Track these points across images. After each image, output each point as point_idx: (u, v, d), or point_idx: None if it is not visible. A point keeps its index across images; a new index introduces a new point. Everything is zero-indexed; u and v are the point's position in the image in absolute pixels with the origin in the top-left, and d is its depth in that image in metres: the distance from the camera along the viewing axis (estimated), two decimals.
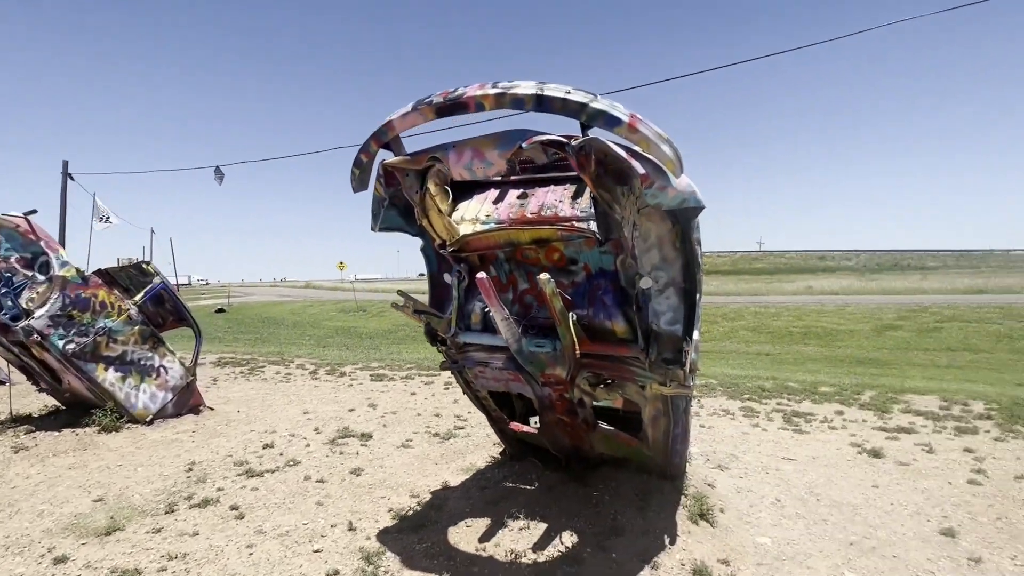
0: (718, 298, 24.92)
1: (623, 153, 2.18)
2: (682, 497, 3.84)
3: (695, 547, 3.26)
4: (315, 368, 10.71)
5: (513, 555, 3.17)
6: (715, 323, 16.56)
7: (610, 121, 2.06)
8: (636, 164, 2.19)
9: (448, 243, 3.09)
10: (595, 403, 3.72)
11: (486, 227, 3.09)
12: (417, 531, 3.50)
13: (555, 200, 3.01)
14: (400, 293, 3.37)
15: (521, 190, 3.22)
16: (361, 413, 7.04)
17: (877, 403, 7.15)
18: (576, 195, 2.99)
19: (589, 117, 2.08)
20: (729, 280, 43.82)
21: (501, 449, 4.95)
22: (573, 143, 2.16)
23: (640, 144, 2.12)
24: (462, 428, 6.20)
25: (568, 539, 3.33)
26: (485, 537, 3.38)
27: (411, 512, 3.82)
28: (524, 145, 2.19)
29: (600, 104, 2.06)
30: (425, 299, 3.71)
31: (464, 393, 4.10)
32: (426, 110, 2.32)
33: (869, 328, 14.04)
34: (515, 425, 4.19)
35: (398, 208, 3.20)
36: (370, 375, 9.99)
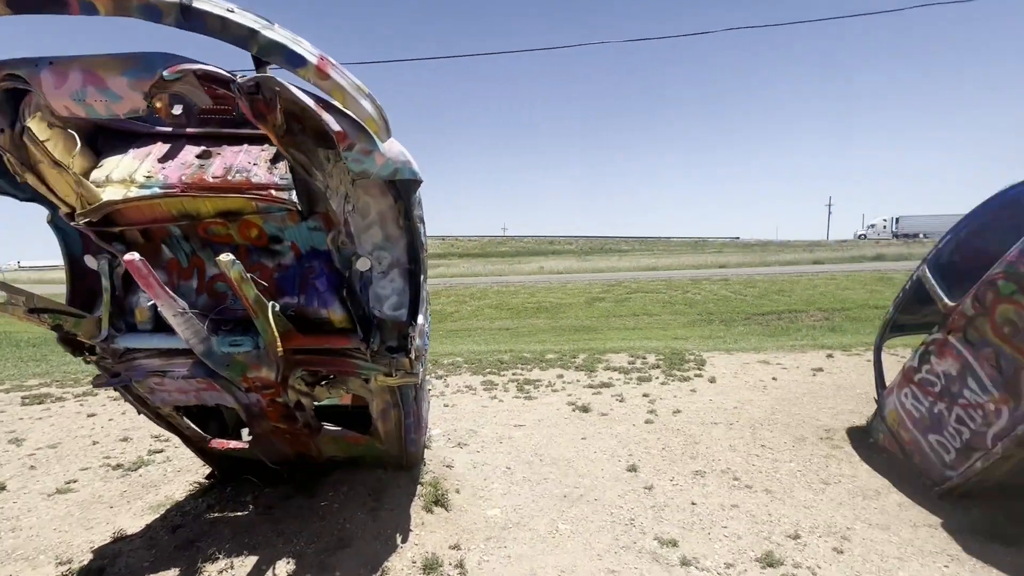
0: (467, 279, 26.54)
1: (310, 102, 1.78)
2: (418, 487, 3.73)
3: (428, 538, 3.16)
4: None
5: None
6: (464, 303, 17.57)
7: (292, 59, 1.63)
8: (328, 118, 1.82)
9: (79, 212, 2.19)
10: (317, 403, 3.26)
11: (146, 192, 2.30)
12: None
13: (248, 162, 2.42)
14: (3, 286, 2.27)
15: (203, 147, 2.51)
16: None
17: (587, 364, 8.48)
18: (276, 158, 2.45)
19: (262, 50, 1.61)
20: (478, 262, 47.28)
21: (210, 471, 4.05)
22: (241, 80, 1.66)
23: (334, 95, 1.76)
24: (160, 451, 4.93)
25: (284, 568, 2.84)
26: None
27: None
28: (166, 74, 1.59)
29: (278, 35, 1.61)
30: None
31: (139, 413, 3.14)
32: None
33: (583, 301, 16.89)
34: (218, 443, 3.42)
35: None
36: (22, 397, 7.28)
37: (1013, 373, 3.10)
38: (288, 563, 2.87)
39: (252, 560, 2.89)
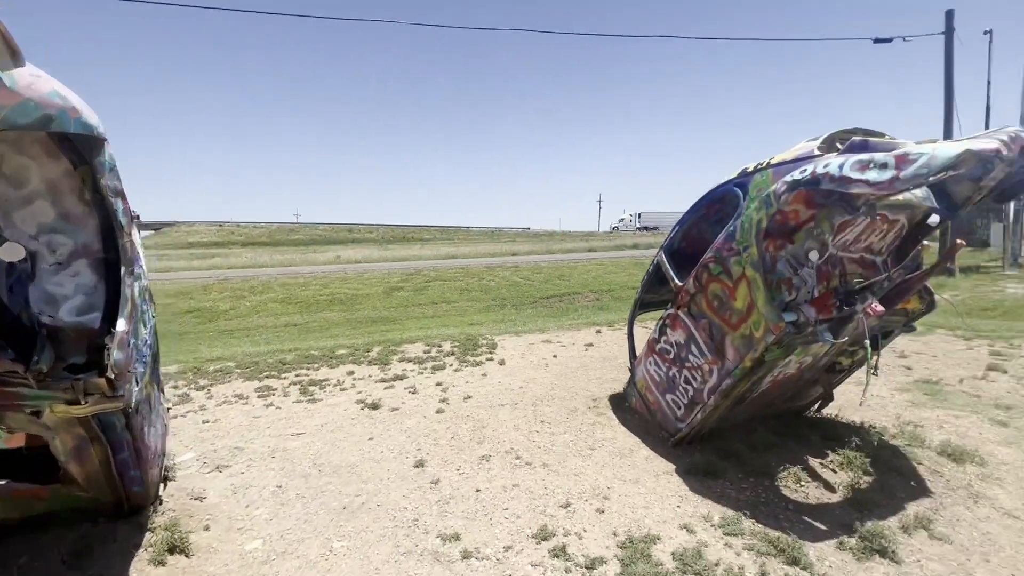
0: (249, 271, 23.38)
1: None
2: (147, 534, 2.96)
3: None
4: None
5: None
6: (242, 298, 15.33)
7: None
8: None
9: None
10: None
11: None
12: None
13: None
14: None
15: None
16: None
17: (381, 357, 8.10)
18: None
19: None
20: (266, 252, 42.20)
21: None
22: None
23: None
24: None
25: None
26: None
27: None
28: None
29: None
30: None
31: None
32: None
33: (381, 291, 16.30)
34: None
35: None
36: None
37: (720, 339, 3.81)
38: None
39: None
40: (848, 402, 5.08)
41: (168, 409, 4.19)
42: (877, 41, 18.74)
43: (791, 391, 4.38)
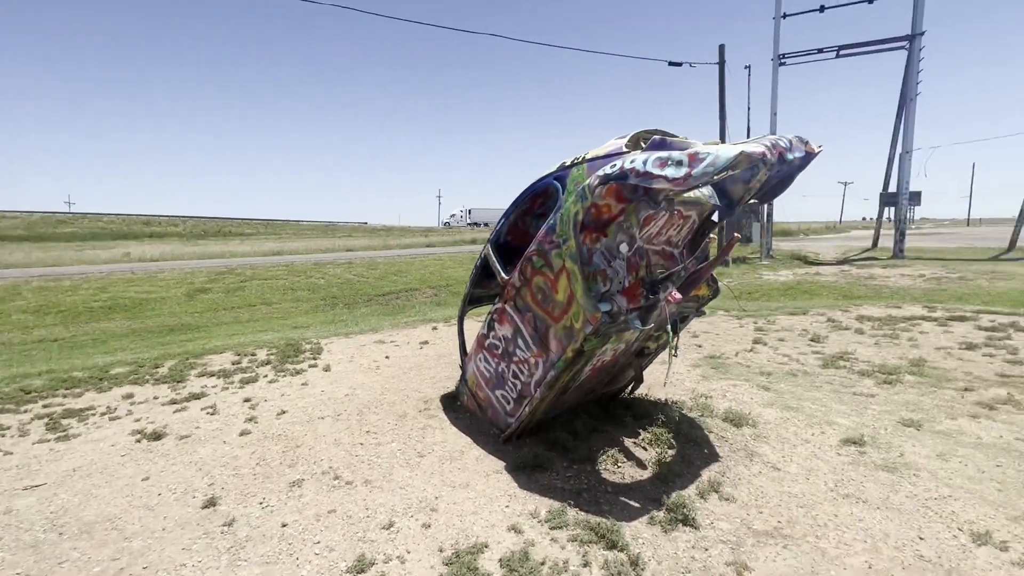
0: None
1: None
2: None
3: None
4: None
5: None
6: None
7: None
8: None
9: None
10: None
11: None
12: None
13: None
14: None
15: None
16: None
17: (175, 373, 6.76)
18: None
19: None
20: (22, 248, 33.28)
21: None
22: None
23: None
24: None
25: None
26: None
27: None
28: None
29: None
30: None
31: None
32: None
33: (182, 293, 13.86)
34: None
35: None
36: None
37: (544, 331, 3.82)
38: None
39: None
40: (655, 381, 5.62)
41: None
42: (671, 64, 21.71)
43: (608, 376, 4.64)
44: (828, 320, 9.81)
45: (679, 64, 21.63)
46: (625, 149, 3.51)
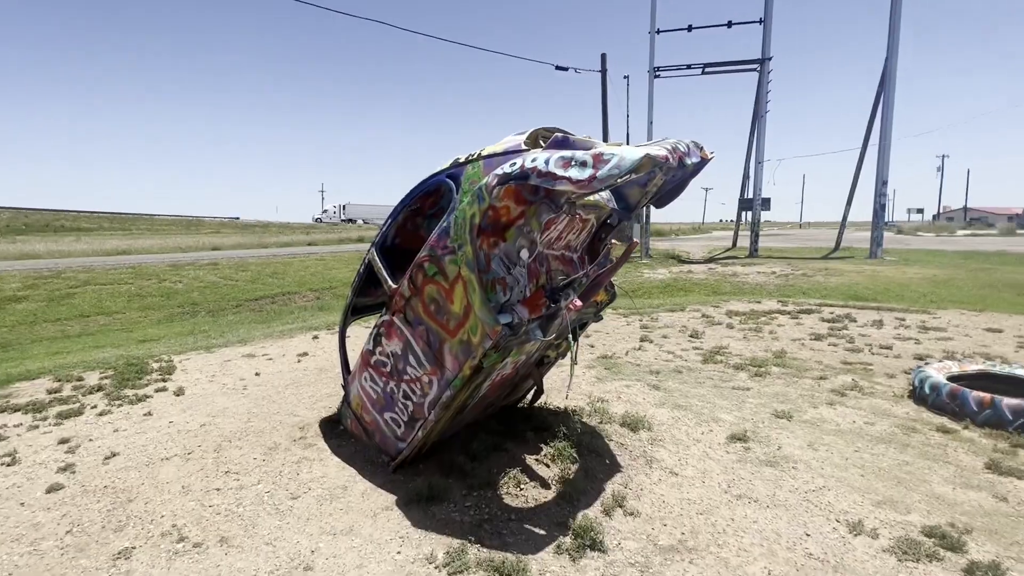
0: None
1: None
2: None
3: None
4: None
5: None
6: None
7: None
8: None
9: None
10: None
11: None
12: None
13: None
14: None
15: None
16: None
17: None
18: None
19: None
20: None
21: None
22: None
23: None
24: None
25: None
26: None
27: None
28: None
29: None
30: None
31: None
32: None
33: None
34: None
35: None
36: None
37: (439, 347, 3.43)
38: None
39: None
40: (552, 387, 5.48)
41: None
42: (557, 68, 22.30)
43: (508, 389, 4.37)
44: (703, 316, 10.57)
45: (565, 69, 22.30)
46: (524, 147, 3.23)
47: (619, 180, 2.64)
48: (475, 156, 3.40)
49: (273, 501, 3.44)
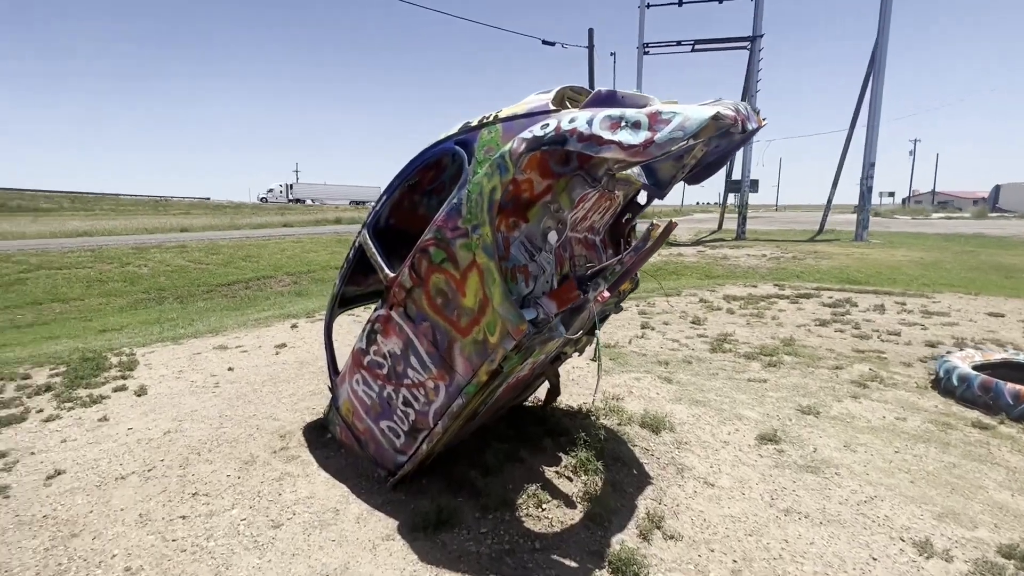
0: None
1: None
2: None
3: None
4: None
5: None
6: None
7: None
8: None
9: None
10: None
11: None
12: None
13: None
14: None
15: None
16: None
17: None
18: None
19: None
20: None
21: None
22: None
23: None
24: None
25: None
26: None
27: None
28: None
29: None
30: None
31: None
32: None
33: None
34: None
35: None
36: None
37: (447, 347, 2.89)
38: None
39: None
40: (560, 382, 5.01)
41: None
42: (544, 42, 21.46)
43: (520, 390, 3.88)
44: (701, 301, 10.22)
45: (552, 43, 21.47)
46: (552, 107, 2.67)
47: (682, 146, 2.11)
48: (490, 118, 2.83)
49: (251, 531, 2.88)
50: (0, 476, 3.49)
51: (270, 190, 65.38)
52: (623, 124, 2.19)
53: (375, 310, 3.28)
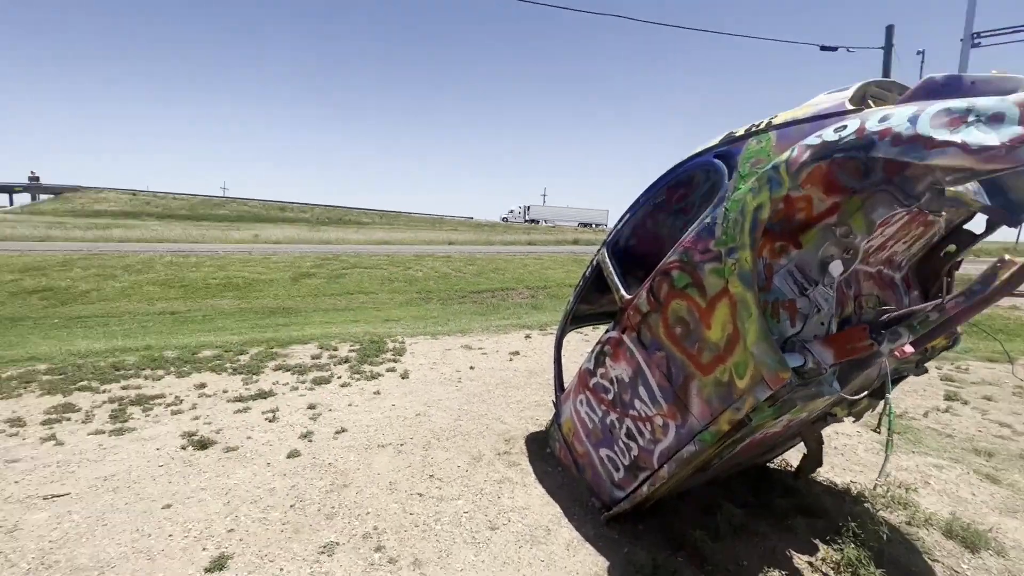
0: (134, 245, 20.33)
1: None
2: None
3: None
4: None
5: None
6: (112, 277, 12.80)
7: None
8: None
9: None
10: None
11: None
12: None
13: None
14: None
15: None
16: None
17: (253, 363, 6.40)
18: None
19: None
20: (182, 225, 37.90)
21: None
22: None
23: None
24: None
25: None
26: None
27: None
28: None
29: None
30: None
31: None
32: None
33: (288, 277, 14.26)
34: None
35: None
36: None
37: (683, 383, 2.57)
38: None
39: None
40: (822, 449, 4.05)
41: None
42: (823, 48, 18.68)
43: (767, 448, 3.25)
44: None
45: (834, 49, 18.50)
46: (849, 107, 2.13)
47: None
48: (761, 126, 2.43)
49: (471, 526, 3.04)
50: (308, 423, 4.50)
51: (511, 211, 74.61)
52: (971, 118, 1.58)
53: (606, 331, 3.15)
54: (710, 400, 2.42)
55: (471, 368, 6.61)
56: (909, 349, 2.30)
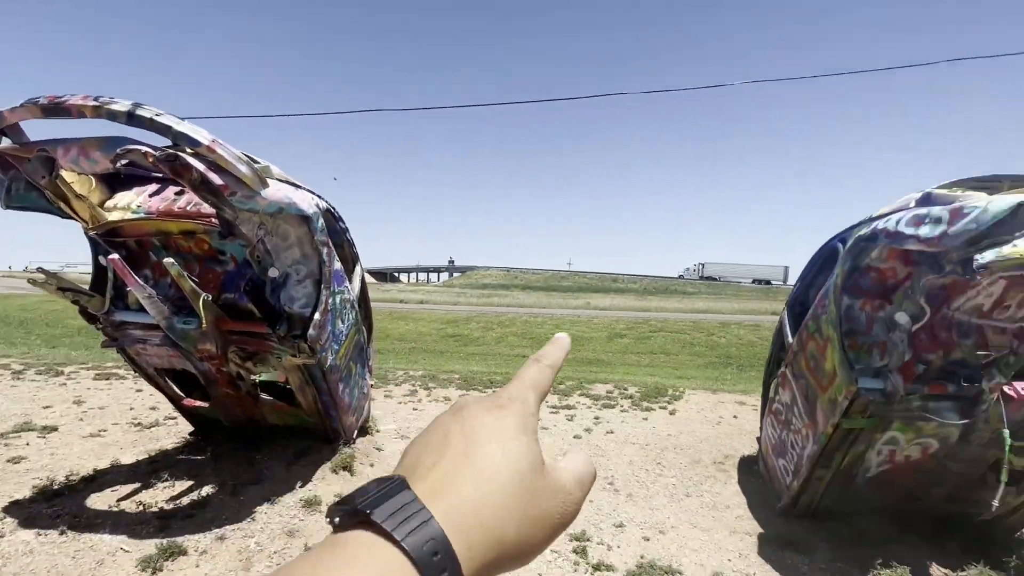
0: (503, 309, 27.55)
1: (201, 166, 2.83)
2: (336, 456, 4.63)
3: (322, 488, 4.06)
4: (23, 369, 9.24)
5: (141, 506, 3.58)
6: (490, 329, 18.54)
7: (191, 142, 2.71)
8: (213, 176, 2.88)
9: (90, 226, 3.41)
10: (260, 377, 4.31)
11: (135, 216, 3.49)
12: (51, 500, 3.65)
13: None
14: (40, 270, 3.53)
15: (180, 187, 3.68)
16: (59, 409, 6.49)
17: (566, 389, 9.08)
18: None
19: (175, 137, 2.70)
20: (533, 295, 48.17)
21: (192, 429, 5.20)
22: (158, 154, 2.75)
23: (220, 162, 2.81)
24: (173, 418, 6.20)
25: (207, 490, 3.85)
26: (125, 497, 3.71)
27: (56, 487, 3.91)
28: (119, 151, 2.70)
29: (184, 128, 2.70)
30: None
31: (134, 371, 4.33)
32: (33, 108, 2.68)
33: (604, 336, 17.31)
34: (188, 401, 4.55)
35: (39, 190, 3.39)
36: (95, 374, 9.04)
37: (814, 401, 3.57)
38: (212, 487, 3.88)
39: (188, 483, 3.94)
40: None
41: (372, 385, 6.05)
42: None
43: (939, 485, 3.59)
44: None
45: None
46: (913, 205, 3.05)
47: (974, 235, 2.31)
48: (867, 218, 3.43)
49: (673, 490, 4.52)
50: (591, 424, 6.64)
51: (687, 268, 76.10)
52: (927, 220, 2.56)
53: (780, 367, 4.24)
54: (826, 412, 3.40)
55: (734, 417, 7.56)
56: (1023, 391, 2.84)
